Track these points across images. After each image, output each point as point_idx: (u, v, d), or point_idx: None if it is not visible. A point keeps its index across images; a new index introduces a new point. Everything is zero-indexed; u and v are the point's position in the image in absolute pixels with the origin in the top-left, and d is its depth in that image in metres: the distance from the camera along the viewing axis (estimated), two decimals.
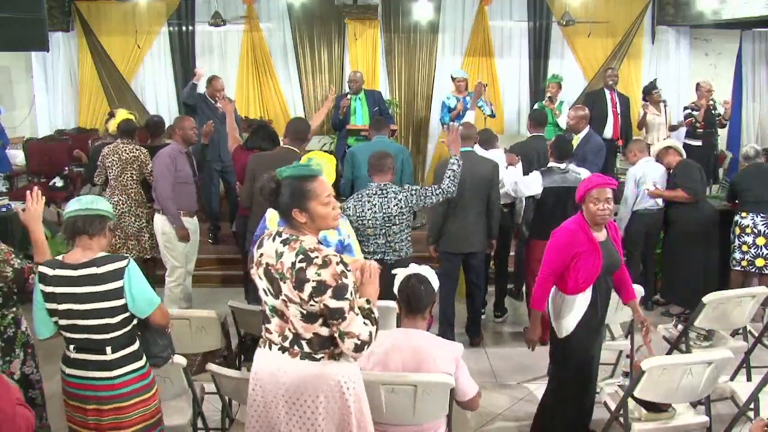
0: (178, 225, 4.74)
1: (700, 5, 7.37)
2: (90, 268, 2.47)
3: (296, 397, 2.25)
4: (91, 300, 2.45)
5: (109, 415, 2.52)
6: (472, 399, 2.73)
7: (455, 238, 4.53)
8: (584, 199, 3.14)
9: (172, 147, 4.81)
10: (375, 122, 5.30)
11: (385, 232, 3.94)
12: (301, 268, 2.12)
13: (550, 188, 4.54)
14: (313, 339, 2.22)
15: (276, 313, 2.25)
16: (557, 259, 3.14)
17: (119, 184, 5.07)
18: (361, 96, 6.73)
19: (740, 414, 3.15)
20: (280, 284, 2.18)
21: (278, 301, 2.21)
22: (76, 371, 2.52)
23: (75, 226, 2.51)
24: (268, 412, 2.31)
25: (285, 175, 2.23)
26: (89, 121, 8.72)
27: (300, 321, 2.20)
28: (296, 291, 2.14)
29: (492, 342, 4.97)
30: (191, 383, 3.01)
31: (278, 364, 2.26)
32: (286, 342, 2.25)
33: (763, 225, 4.92)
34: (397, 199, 3.93)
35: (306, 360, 2.23)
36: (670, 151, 5.26)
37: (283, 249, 2.19)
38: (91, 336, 2.49)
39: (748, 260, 5.01)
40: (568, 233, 3.16)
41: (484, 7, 8.53)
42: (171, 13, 8.60)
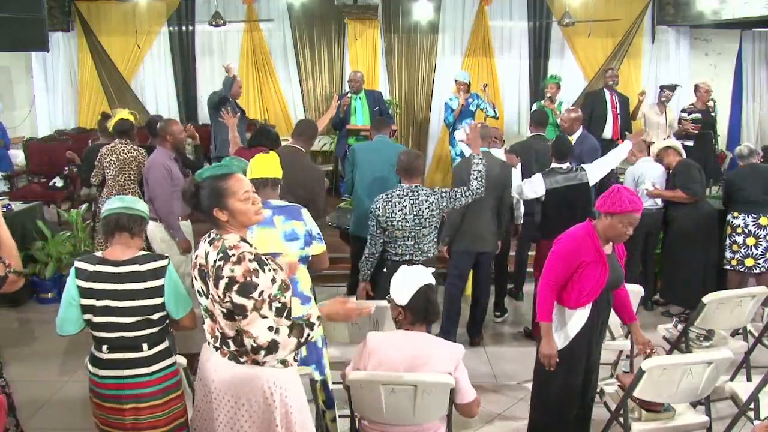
0: (180, 238, 4.63)
1: (700, 5, 7.38)
2: (133, 265, 2.50)
3: (222, 396, 2.28)
4: (133, 297, 2.47)
5: (147, 413, 2.52)
6: (470, 404, 2.71)
7: (471, 238, 4.52)
8: (611, 214, 2.87)
9: (163, 154, 4.64)
10: (376, 122, 5.28)
11: (414, 234, 3.90)
12: (219, 266, 2.14)
13: (553, 189, 4.54)
14: (237, 337, 2.23)
15: (207, 313, 2.28)
16: (561, 267, 2.96)
17: (117, 184, 5.05)
18: (362, 96, 6.74)
19: (740, 414, 3.15)
20: (207, 282, 2.21)
21: (208, 300, 2.24)
22: (111, 372, 2.51)
23: (119, 223, 2.54)
24: (207, 407, 2.35)
25: (204, 177, 2.25)
26: (89, 121, 8.72)
27: (224, 319, 2.22)
28: (215, 288, 2.16)
29: (492, 342, 4.97)
30: (191, 383, 3.01)
31: (213, 363, 2.30)
32: (217, 342, 2.29)
33: (753, 225, 4.94)
34: (429, 202, 3.88)
35: (232, 361, 2.27)
36: (670, 151, 5.26)
37: (209, 248, 2.22)
38: (126, 334, 2.49)
39: (737, 260, 5.02)
40: (575, 240, 2.95)
41: (484, 7, 8.54)
42: (171, 13, 8.61)
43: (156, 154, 4.71)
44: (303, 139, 4.43)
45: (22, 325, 5.23)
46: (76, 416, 3.69)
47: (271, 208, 3.01)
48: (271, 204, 3.03)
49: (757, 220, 4.93)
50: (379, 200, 3.92)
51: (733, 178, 5.22)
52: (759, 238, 4.93)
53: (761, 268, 4.97)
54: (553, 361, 3.02)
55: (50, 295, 5.49)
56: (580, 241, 2.93)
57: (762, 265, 4.96)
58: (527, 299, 5.69)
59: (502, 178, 4.53)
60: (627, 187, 2.96)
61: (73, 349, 4.36)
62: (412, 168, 3.90)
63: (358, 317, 2.67)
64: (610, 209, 2.87)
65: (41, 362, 4.37)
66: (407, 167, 3.90)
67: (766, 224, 4.92)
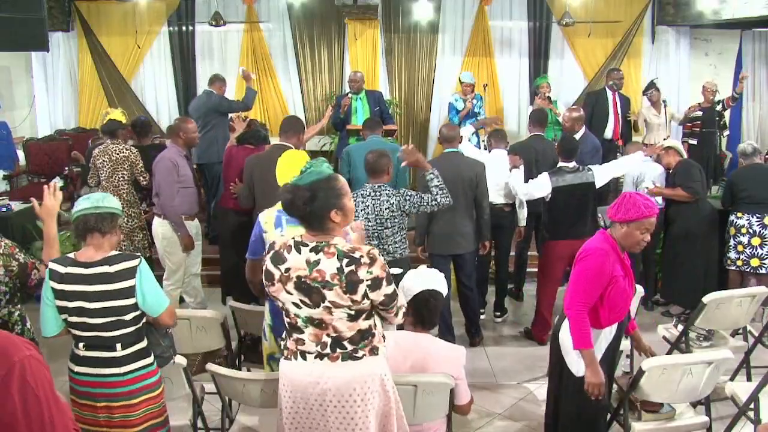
0: (183, 233, 4.65)
1: (700, 5, 7.37)
2: (103, 266, 2.48)
3: (345, 400, 2.23)
4: (103, 298, 2.46)
5: (119, 412, 2.52)
6: (466, 405, 2.75)
7: (441, 240, 4.50)
8: (628, 223, 2.73)
9: (173, 151, 4.68)
10: (369, 122, 5.26)
11: (378, 234, 3.90)
12: (351, 271, 2.13)
13: (559, 188, 4.53)
14: (355, 335, 2.23)
15: (311, 322, 2.22)
16: (594, 286, 2.73)
17: (110, 184, 5.06)
18: (362, 96, 6.73)
19: (740, 414, 3.15)
20: (322, 293, 2.16)
21: (318, 309, 2.18)
22: (85, 369, 2.52)
23: (87, 224, 2.50)
24: (310, 423, 2.29)
25: (311, 181, 2.18)
26: (89, 121, 8.71)
27: (345, 322, 2.20)
28: (347, 294, 2.14)
29: (492, 342, 4.97)
30: (191, 383, 3.01)
31: (319, 372, 2.23)
32: (326, 348, 2.23)
33: (758, 225, 4.93)
34: (389, 203, 3.86)
35: (348, 361, 2.23)
36: (671, 151, 5.26)
37: (317, 257, 2.17)
38: (100, 333, 2.49)
39: (743, 260, 5.00)
40: (603, 255, 2.74)
41: (484, 7, 8.53)
42: (171, 13, 8.60)
43: (166, 150, 4.77)
44: (290, 135, 4.40)
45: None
46: None
47: None
48: None
49: (762, 219, 4.91)
50: None
51: (736, 178, 5.19)
52: (764, 237, 4.91)
53: (767, 268, 4.95)
54: (602, 389, 2.78)
55: None
56: (606, 256, 2.74)
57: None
58: (527, 299, 5.70)
59: (471, 177, 4.46)
60: (638, 193, 2.84)
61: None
62: (376, 167, 3.87)
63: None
64: (626, 217, 2.73)
65: None
66: (371, 166, 3.88)
67: None
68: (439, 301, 2.72)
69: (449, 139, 4.62)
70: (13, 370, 1.46)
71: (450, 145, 4.62)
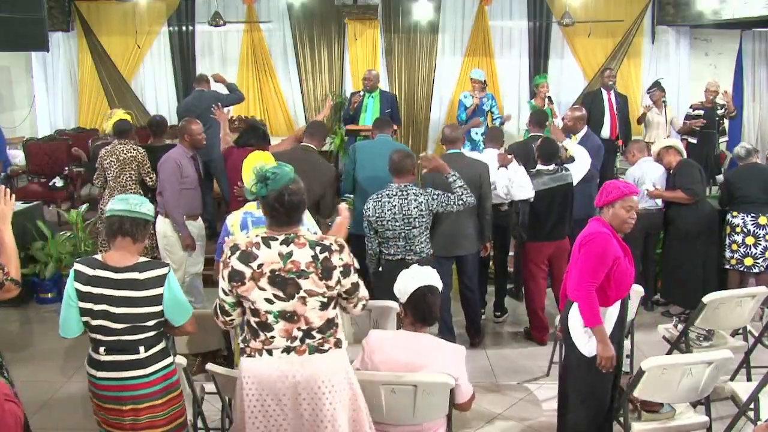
0: (184, 234, 4.68)
1: (700, 5, 7.37)
2: (132, 272, 2.47)
3: (314, 392, 2.28)
4: (130, 304, 2.45)
5: (145, 413, 2.52)
6: (467, 402, 2.75)
7: (445, 241, 4.47)
8: (612, 204, 2.98)
9: (179, 151, 4.72)
10: (378, 121, 5.24)
11: (405, 234, 3.90)
12: (326, 258, 2.26)
13: (542, 190, 4.56)
14: (324, 325, 2.31)
15: (283, 316, 2.27)
16: (601, 267, 2.91)
17: (118, 184, 5.06)
18: (375, 95, 6.70)
19: (740, 414, 3.15)
20: (298, 282, 2.24)
21: (292, 301, 2.25)
22: (108, 374, 2.50)
23: (122, 227, 2.48)
24: (275, 418, 2.32)
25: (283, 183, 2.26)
26: (89, 121, 8.72)
27: (317, 311, 2.28)
28: (323, 281, 2.25)
29: (492, 342, 4.97)
30: (191, 383, 3.01)
31: (285, 366, 2.28)
32: (295, 342, 2.29)
33: (752, 224, 4.94)
34: (418, 202, 3.87)
35: (315, 354, 2.29)
36: (671, 150, 5.25)
37: (288, 249, 2.25)
38: (122, 337, 2.48)
39: (737, 259, 5.02)
40: (605, 237, 2.93)
41: (484, 7, 8.54)
42: (171, 13, 8.61)
43: (172, 150, 4.80)
44: (317, 139, 4.58)
45: (22, 325, 5.23)
46: (76, 416, 3.70)
47: None
48: None
49: (756, 219, 4.93)
50: (370, 201, 3.95)
51: (732, 177, 5.22)
52: (758, 237, 4.93)
53: (760, 267, 4.97)
54: (613, 362, 2.97)
55: (50, 295, 5.49)
56: (608, 237, 2.93)
57: (761, 264, 4.96)
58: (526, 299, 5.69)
59: (474, 179, 4.43)
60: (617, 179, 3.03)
61: (72, 349, 4.35)
62: (402, 167, 3.90)
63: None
64: (608, 199, 2.99)
65: (41, 362, 4.37)
66: (397, 166, 3.91)
67: (765, 223, 4.92)
68: (436, 295, 2.72)
69: (452, 140, 4.61)
70: None
71: (453, 146, 4.60)
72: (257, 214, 3.03)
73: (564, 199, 4.64)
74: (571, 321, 3.04)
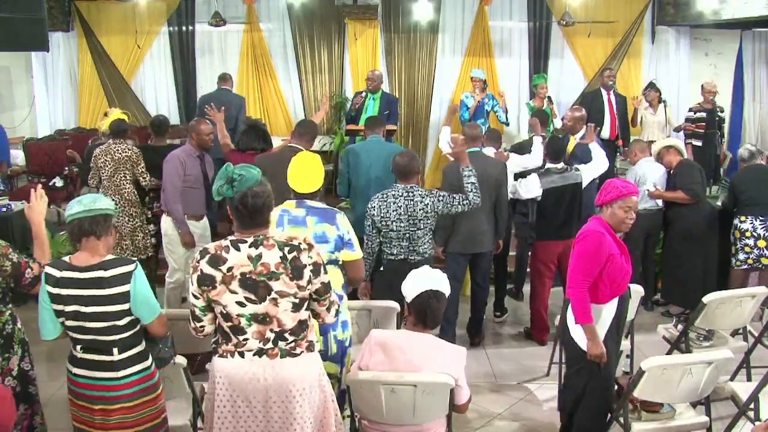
0: (183, 230, 4.69)
1: (700, 5, 7.37)
2: (97, 271, 2.46)
3: (285, 396, 2.29)
4: (97, 303, 2.44)
5: (116, 415, 2.52)
6: (465, 404, 2.76)
7: (465, 239, 4.50)
8: (611, 204, 3.03)
9: (185, 150, 4.76)
10: (370, 121, 5.22)
11: (409, 235, 3.90)
12: (294, 257, 2.25)
13: (549, 189, 4.55)
14: (296, 327, 2.31)
15: (255, 319, 2.28)
16: (593, 264, 2.97)
17: (112, 184, 5.06)
18: (377, 96, 6.69)
19: (740, 414, 3.14)
20: (268, 285, 2.24)
21: (263, 304, 2.26)
22: (83, 371, 2.52)
23: (81, 228, 2.48)
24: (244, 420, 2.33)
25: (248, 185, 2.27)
26: (89, 121, 8.71)
27: (290, 313, 2.28)
28: (294, 281, 2.25)
29: (492, 342, 4.97)
30: (191, 383, 3.01)
31: (256, 369, 2.29)
32: (267, 344, 2.30)
33: (762, 228, 4.89)
34: (424, 203, 3.88)
35: (287, 357, 2.30)
36: (671, 150, 5.25)
37: (257, 251, 2.25)
38: (97, 337, 2.48)
39: (753, 259, 4.97)
40: (598, 235, 2.99)
41: (484, 7, 8.53)
42: (171, 13, 8.59)
43: (179, 148, 4.85)
44: (306, 139, 4.51)
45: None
46: None
47: (306, 207, 3.04)
48: (306, 204, 3.06)
49: (766, 222, 4.89)
50: (374, 200, 3.93)
51: (737, 180, 5.16)
52: None
53: None
54: (605, 359, 3.03)
55: None
56: (601, 235, 2.98)
57: None
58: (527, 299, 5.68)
59: (496, 177, 4.50)
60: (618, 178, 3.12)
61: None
62: (408, 169, 3.90)
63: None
64: (606, 199, 3.04)
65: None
66: (403, 168, 3.90)
67: None
68: (441, 302, 2.71)
69: (473, 137, 4.60)
70: None
71: (473, 144, 4.59)
72: (294, 212, 3.02)
73: (572, 198, 4.63)
74: (570, 318, 3.10)
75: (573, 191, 4.64)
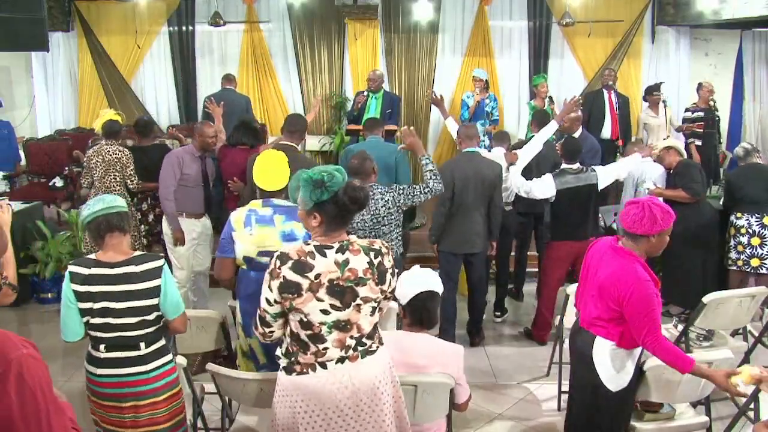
0: (174, 227, 4.72)
1: (700, 5, 7.37)
2: (128, 266, 2.49)
3: (374, 394, 2.26)
4: (129, 298, 2.47)
5: (146, 410, 2.53)
6: (463, 404, 2.76)
7: (458, 239, 4.50)
8: (661, 232, 2.69)
9: (186, 149, 4.81)
10: (369, 122, 5.23)
11: (374, 234, 3.90)
12: (380, 262, 2.24)
13: (564, 189, 4.52)
14: (372, 330, 2.30)
15: (337, 326, 2.20)
16: (658, 312, 2.62)
17: (103, 186, 5.06)
18: (379, 96, 6.69)
19: (740, 414, 3.14)
20: (355, 290, 2.19)
21: (346, 311, 2.19)
22: (109, 370, 2.51)
23: (110, 223, 2.50)
24: (336, 430, 2.26)
25: (341, 184, 2.19)
26: (89, 121, 8.68)
27: (368, 317, 2.25)
28: (379, 285, 2.24)
29: (492, 342, 4.97)
30: (191, 383, 3.01)
31: (341, 376, 2.22)
32: (348, 351, 2.24)
33: (757, 225, 4.93)
34: (384, 200, 3.87)
35: (367, 357, 2.27)
36: (671, 151, 5.24)
37: (344, 257, 2.19)
38: (123, 333, 2.50)
39: (743, 260, 5.01)
40: (646, 283, 2.62)
41: (484, 7, 8.54)
42: (171, 13, 8.61)
43: (180, 148, 4.93)
44: (296, 136, 4.50)
45: (22, 325, 5.22)
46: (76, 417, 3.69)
47: (272, 206, 3.05)
48: (273, 203, 3.07)
49: (761, 219, 4.91)
50: None
51: (734, 178, 5.20)
52: (764, 237, 4.91)
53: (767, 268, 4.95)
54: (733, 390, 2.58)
55: (50, 295, 5.49)
56: (648, 283, 2.64)
57: None
58: (527, 299, 5.69)
59: (491, 178, 4.47)
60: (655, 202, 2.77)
61: (72, 349, 4.31)
62: (362, 170, 3.85)
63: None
64: (664, 227, 2.70)
65: None
66: (357, 169, 3.84)
67: None
68: (436, 301, 2.72)
69: (470, 137, 4.60)
70: (9, 368, 1.46)
71: (469, 144, 4.59)
72: (261, 212, 3.04)
73: (587, 200, 4.60)
74: (597, 357, 2.79)
75: (588, 192, 4.61)
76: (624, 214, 2.72)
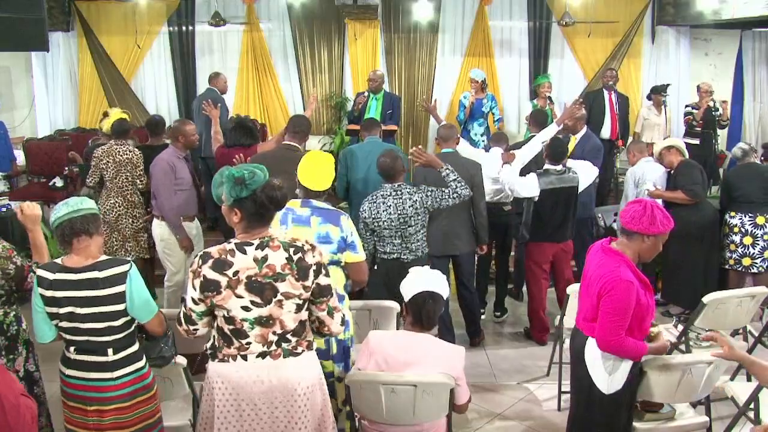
0: (182, 235, 4.68)
1: (700, 5, 7.37)
2: (92, 271, 2.45)
3: (290, 395, 2.29)
4: (92, 304, 2.44)
5: (110, 415, 2.51)
6: (465, 404, 2.76)
7: (439, 240, 4.47)
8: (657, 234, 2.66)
9: (170, 153, 4.70)
10: (367, 123, 5.22)
11: (401, 233, 3.92)
12: (300, 258, 2.25)
13: (547, 190, 4.54)
14: (298, 327, 2.31)
15: (259, 322, 2.26)
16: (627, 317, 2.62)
17: (115, 186, 5.05)
18: (379, 96, 6.69)
19: (740, 414, 3.14)
20: (275, 286, 2.23)
21: (268, 307, 2.24)
22: (76, 372, 2.52)
23: (73, 227, 2.47)
24: (249, 423, 2.32)
25: (259, 184, 2.24)
26: (89, 121, 8.71)
27: (292, 314, 2.27)
28: (300, 281, 2.24)
29: (492, 342, 4.97)
30: (191, 383, 3.01)
31: (260, 371, 2.28)
32: (271, 346, 2.28)
33: (750, 225, 4.94)
34: (412, 200, 3.90)
35: (290, 357, 2.30)
36: (672, 150, 5.24)
37: (263, 253, 2.23)
38: (92, 338, 2.48)
39: (735, 259, 5.03)
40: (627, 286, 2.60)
41: (484, 7, 8.53)
42: (171, 13, 8.60)
43: (164, 152, 4.77)
44: (299, 137, 4.50)
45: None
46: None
47: (311, 207, 3.05)
48: (312, 204, 3.07)
49: (754, 219, 4.93)
50: (365, 203, 3.96)
51: (731, 177, 5.22)
52: (756, 237, 4.93)
53: (758, 267, 4.97)
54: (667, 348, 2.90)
55: None
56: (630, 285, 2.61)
57: (759, 265, 4.96)
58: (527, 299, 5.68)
59: (470, 178, 4.44)
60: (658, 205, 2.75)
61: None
62: (393, 169, 3.91)
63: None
64: (662, 229, 2.66)
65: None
66: (388, 169, 3.91)
67: (762, 223, 4.92)
68: (438, 303, 2.71)
69: (446, 138, 4.63)
70: None
71: (447, 145, 4.62)
72: (299, 212, 3.03)
73: (568, 201, 4.63)
74: (589, 359, 2.80)
75: (569, 194, 4.63)
76: (625, 211, 2.73)
